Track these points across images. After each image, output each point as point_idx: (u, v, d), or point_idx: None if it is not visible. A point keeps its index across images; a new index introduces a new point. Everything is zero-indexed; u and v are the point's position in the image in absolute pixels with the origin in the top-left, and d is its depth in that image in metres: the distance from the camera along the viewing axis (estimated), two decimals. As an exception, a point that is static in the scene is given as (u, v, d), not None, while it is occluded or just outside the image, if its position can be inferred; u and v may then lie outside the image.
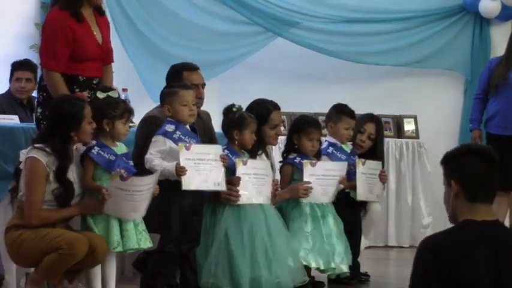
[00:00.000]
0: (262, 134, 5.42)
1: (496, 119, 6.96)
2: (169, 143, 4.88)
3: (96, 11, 5.24)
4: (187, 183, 4.83)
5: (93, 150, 4.62)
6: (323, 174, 5.57)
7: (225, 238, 5.11)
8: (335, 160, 5.77)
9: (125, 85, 6.08)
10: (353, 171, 5.80)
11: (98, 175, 4.63)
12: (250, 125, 5.24)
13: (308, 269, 5.45)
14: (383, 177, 5.97)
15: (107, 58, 5.32)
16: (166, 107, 4.97)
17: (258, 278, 5.04)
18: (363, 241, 6.18)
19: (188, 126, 5.01)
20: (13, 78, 7.11)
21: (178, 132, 4.91)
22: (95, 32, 5.19)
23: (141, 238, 4.65)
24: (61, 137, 4.50)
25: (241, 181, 5.14)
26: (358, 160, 5.81)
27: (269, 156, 5.62)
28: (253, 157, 5.33)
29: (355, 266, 5.82)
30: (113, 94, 4.76)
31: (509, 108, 6.87)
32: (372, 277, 6.07)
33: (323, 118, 6.51)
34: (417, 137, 8.72)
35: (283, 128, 6.73)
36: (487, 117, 7.05)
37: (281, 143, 6.20)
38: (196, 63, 5.51)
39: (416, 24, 8.90)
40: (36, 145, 4.50)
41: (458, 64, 8.98)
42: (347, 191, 5.82)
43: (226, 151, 5.17)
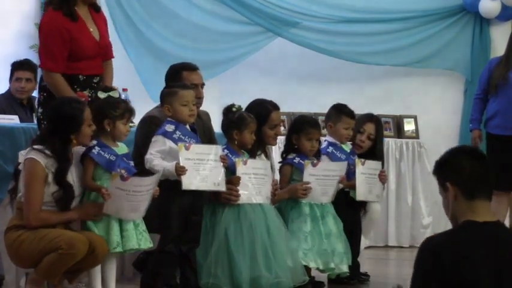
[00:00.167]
0: (261, 134, 5.42)
1: (496, 119, 6.95)
2: (169, 143, 4.88)
3: (91, 8, 5.21)
4: (187, 183, 4.83)
5: (93, 150, 4.61)
6: (323, 174, 5.56)
7: (225, 238, 5.11)
8: (335, 160, 5.77)
9: (125, 85, 6.08)
10: (352, 171, 5.80)
11: (98, 175, 4.63)
12: (250, 125, 5.24)
13: (308, 269, 5.45)
14: (383, 177, 5.97)
15: (107, 54, 5.29)
16: (166, 107, 4.97)
17: (258, 278, 5.04)
18: (363, 241, 6.17)
19: (188, 126, 5.01)
20: (13, 78, 7.10)
21: (178, 132, 4.91)
22: (92, 29, 5.15)
23: (141, 238, 4.65)
24: (61, 140, 4.50)
25: (241, 181, 5.14)
26: (357, 160, 5.81)
27: (268, 156, 5.62)
28: (252, 157, 5.33)
29: (355, 266, 5.82)
30: (114, 94, 4.76)
31: (509, 108, 6.86)
32: (372, 277, 6.07)
33: (323, 118, 6.51)
34: (417, 137, 8.71)
35: (283, 128, 6.73)
36: (487, 117, 7.04)
37: (281, 143, 6.20)
38: (196, 63, 5.51)
39: (416, 24, 8.89)
40: (35, 146, 4.49)
41: (458, 64, 8.97)
42: (346, 190, 5.82)
43: (226, 151, 5.17)
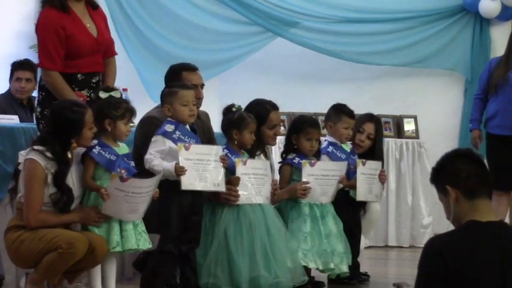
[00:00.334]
0: (260, 134, 5.41)
1: (496, 119, 6.95)
2: (168, 143, 4.87)
3: (88, 5, 5.17)
4: (186, 183, 4.82)
5: (94, 149, 4.61)
6: (322, 174, 5.56)
7: (225, 238, 5.11)
8: (335, 159, 5.76)
9: (125, 85, 6.07)
10: (352, 170, 5.80)
11: (98, 175, 4.63)
12: (249, 125, 5.24)
13: (308, 269, 5.44)
14: (382, 177, 5.97)
15: (108, 51, 5.25)
16: (166, 107, 4.97)
17: (257, 278, 5.04)
18: (363, 241, 6.17)
19: (188, 126, 5.00)
20: (13, 78, 7.10)
21: (177, 132, 4.91)
22: (88, 25, 5.10)
23: (140, 239, 4.64)
24: (61, 143, 4.50)
25: (240, 181, 5.14)
26: (358, 161, 5.81)
27: (268, 156, 5.61)
28: (252, 157, 5.33)
29: (355, 266, 5.81)
30: (115, 94, 4.76)
31: (509, 108, 6.86)
32: (372, 277, 6.06)
33: (323, 118, 6.50)
34: (417, 137, 8.71)
35: (282, 128, 6.72)
36: (487, 117, 7.04)
37: (280, 143, 6.20)
38: (196, 63, 5.50)
39: (416, 24, 8.89)
40: (35, 147, 4.49)
41: (458, 64, 8.97)
42: (346, 190, 5.82)
43: (225, 151, 5.17)
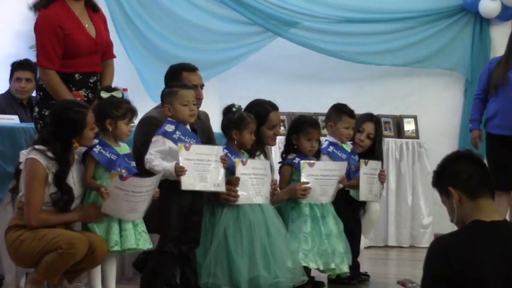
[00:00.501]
0: (260, 135, 5.42)
1: (496, 119, 6.95)
2: (168, 143, 4.87)
3: (89, 7, 5.19)
4: (186, 183, 4.82)
5: (94, 148, 4.62)
6: (322, 174, 5.56)
7: (224, 238, 5.10)
8: (336, 159, 5.76)
9: (125, 85, 6.06)
10: (353, 170, 5.81)
11: (99, 174, 4.63)
12: (249, 125, 5.24)
13: (308, 269, 5.45)
14: (382, 176, 5.97)
15: (106, 53, 5.26)
16: (166, 107, 4.97)
17: (257, 278, 5.04)
18: (363, 241, 6.17)
19: (188, 126, 5.00)
20: (13, 78, 7.10)
21: (178, 132, 4.91)
22: (87, 25, 5.12)
23: (140, 238, 4.64)
24: (62, 143, 4.51)
25: (240, 181, 5.14)
26: (362, 161, 5.81)
27: (268, 156, 5.62)
28: (251, 157, 5.33)
29: (355, 266, 5.81)
30: (117, 94, 4.77)
31: (509, 108, 6.86)
32: (372, 277, 6.06)
33: (323, 118, 6.50)
34: (417, 137, 8.72)
35: (282, 128, 6.72)
36: (487, 117, 7.05)
37: (280, 143, 6.20)
38: (196, 63, 5.50)
39: (416, 24, 8.89)
40: (36, 146, 4.49)
41: (458, 64, 8.97)
42: (347, 190, 5.81)
43: (225, 151, 5.17)
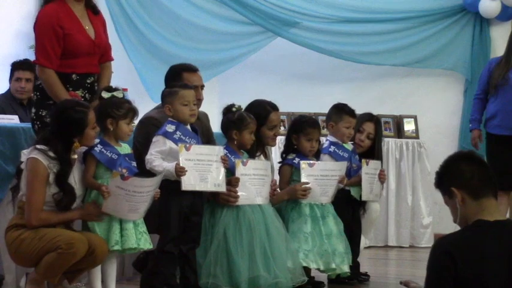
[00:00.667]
0: (260, 135, 5.41)
1: (496, 119, 6.96)
2: (169, 144, 4.87)
3: (89, 9, 5.19)
4: (186, 183, 4.82)
5: (95, 148, 4.63)
6: (321, 174, 5.55)
7: (224, 238, 5.10)
8: (338, 159, 5.76)
9: (125, 85, 6.06)
10: (354, 169, 5.81)
11: (100, 173, 4.64)
12: (249, 126, 5.23)
13: (308, 269, 5.44)
14: (382, 176, 5.97)
15: (104, 55, 5.25)
16: (167, 107, 4.97)
17: (257, 278, 5.04)
18: (363, 241, 6.16)
19: (189, 126, 5.00)
20: (13, 78, 7.11)
21: (178, 132, 4.91)
22: (87, 27, 5.12)
23: (141, 238, 4.65)
24: (64, 142, 4.51)
25: (240, 182, 5.14)
26: (363, 160, 5.81)
27: (268, 156, 5.61)
28: (251, 158, 5.32)
29: (355, 266, 5.81)
30: (118, 94, 4.77)
31: (509, 108, 6.87)
32: (372, 277, 6.06)
33: (323, 118, 6.51)
34: (417, 137, 8.71)
35: (282, 128, 6.72)
36: (487, 117, 7.05)
37: (280, 143, 6.19)
38: (196, 63, 5.50)
39: (416, 24, 8.89)
40: (38, 146, 4.49)
41: (458, 64, 8.97)
42: (347, 189, 5.81)
43: (225, 151, 5.16)
